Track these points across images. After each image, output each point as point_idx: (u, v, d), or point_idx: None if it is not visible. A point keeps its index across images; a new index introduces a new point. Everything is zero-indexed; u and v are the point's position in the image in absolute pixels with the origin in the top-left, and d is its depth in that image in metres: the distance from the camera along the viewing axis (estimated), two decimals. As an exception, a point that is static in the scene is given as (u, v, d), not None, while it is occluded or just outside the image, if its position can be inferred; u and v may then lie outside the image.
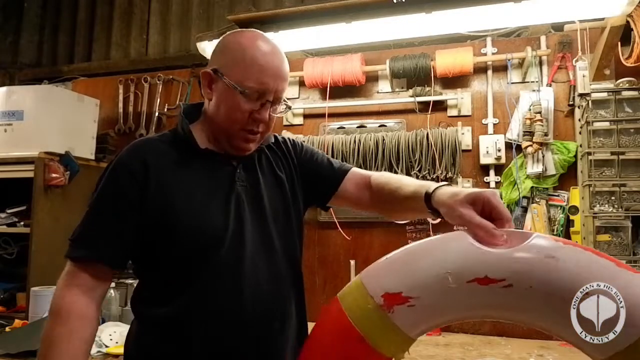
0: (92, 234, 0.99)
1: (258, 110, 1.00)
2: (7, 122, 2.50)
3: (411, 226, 2.37)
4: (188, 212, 0.97)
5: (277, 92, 1.01)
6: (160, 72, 2.95)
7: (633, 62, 1.93)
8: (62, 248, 1.01)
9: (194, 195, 0.99)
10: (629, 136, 1.94)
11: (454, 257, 0.72)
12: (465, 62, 2.28)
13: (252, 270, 0.99)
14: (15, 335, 1.97)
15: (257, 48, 1.00)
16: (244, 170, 1.06)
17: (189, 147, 1.03)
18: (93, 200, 1.02)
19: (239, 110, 0.99)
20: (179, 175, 1.00)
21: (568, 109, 2.21)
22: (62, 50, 3.37)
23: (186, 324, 0.95)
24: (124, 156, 1.01)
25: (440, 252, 0.74)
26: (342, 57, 2.47)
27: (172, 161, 1.01)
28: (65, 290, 0.95)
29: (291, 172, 1.15)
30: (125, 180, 0.98)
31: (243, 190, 1.03)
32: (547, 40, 2.28)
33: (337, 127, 2.54)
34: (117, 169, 1.00)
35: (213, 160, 1.04)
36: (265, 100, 1.00)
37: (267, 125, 1.03)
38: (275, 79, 1.00)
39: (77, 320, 0.93)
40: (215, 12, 3.00)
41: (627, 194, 1.90)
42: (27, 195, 2.43)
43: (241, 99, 0.98)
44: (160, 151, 1.02)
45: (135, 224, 0.97)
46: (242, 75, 0.98)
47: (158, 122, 2.91)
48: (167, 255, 0.98)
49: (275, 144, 1.16)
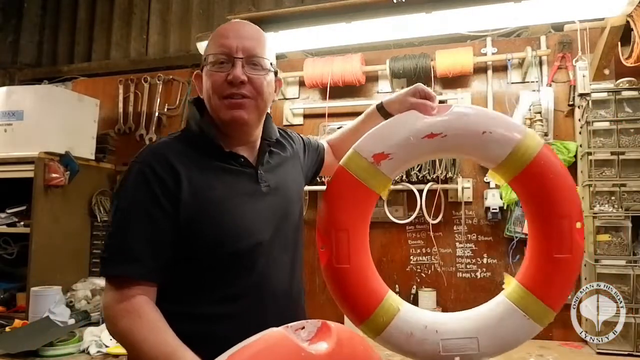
0: (131, 248, 0.92)
1: (229, 72, 0.98)
2: (7, 122, 2.50)
3: (411, 226, 2.37)
4: (223, 220, 0.96)
5: (246, 50, 0.99)
6: (160, 72, 2.95)
7: (633, 62, 1.93)
8: (62, 248, 1.00)
9: (226, 200, 0.98)
10: (629, 136, 1.93)
11: (412, 125, 1.14)
12: (465, 62, 2.28)
13: (277, 269, 1.04)
14: (15, 335, 1.97)
15: (220, 26, 1.04)
16: (263, 169, 1.07)
17: (209, 147, 1.02)
18: (125, 210, 0.94)
19: (212, 79, 1.00)
20: (207, 179, 0.98)
21: (568, 109, 2.21)
22: (62, 50, 3.37)
23: (229, 318, 0.97)
24: (149, 161, 0.96)
25: (402, 124, 1.16)
26: (342, 57, 2.47)
27: (198, 165, 0.99)
28: (119, 316, 0.89)
29: (299, 164, 1.23)
30: (157, 188, 0.93)
31: (267, 191, 1.05)
32: (547, 40, 2.28)
33: (337, 127, 2.53)
34: (146, 175, 0.94)
35: (235, 161, 1.04)
36: (233, 61, 0.99)
37: (251, 88, 1.00)
38: (237, 37, 1.00)
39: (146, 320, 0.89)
40: (215, 12, 3.00)
41: (627, 194, 1.90)
42: (27, 195, 2.43)
43: (212, 70, 1.00)
44: (184, 154, 0.99)
45: (171, 232, 0.94)
46: (209, 51, 1.02)
47: (158, 122, 2.91)
48: (199, 260, 0.96)
49: (282, 137, 1.21)
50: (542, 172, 1.12)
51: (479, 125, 1.12)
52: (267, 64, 1.03)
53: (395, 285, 2.35)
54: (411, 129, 1.13)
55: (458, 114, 1.14)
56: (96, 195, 2.78)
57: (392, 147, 1.13)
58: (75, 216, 2.69)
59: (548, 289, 1.15)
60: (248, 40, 1.00)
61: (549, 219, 1.13)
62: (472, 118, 1.14)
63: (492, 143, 1.12)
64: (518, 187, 1.19)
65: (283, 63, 2.70)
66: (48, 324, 2.05)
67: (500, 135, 1.11)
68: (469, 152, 1.18)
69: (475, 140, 1.13)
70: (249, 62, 1.00)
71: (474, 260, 2.29)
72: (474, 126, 1.13)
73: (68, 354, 1.85)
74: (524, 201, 1.21)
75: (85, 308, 2.31)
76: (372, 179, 1.14)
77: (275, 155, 1.14)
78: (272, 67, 1.05)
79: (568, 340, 2.03)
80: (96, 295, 2.43)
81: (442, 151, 1.19)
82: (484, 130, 1.11)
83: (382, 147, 1.13)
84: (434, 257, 2.34)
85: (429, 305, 2.20)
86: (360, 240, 1.15)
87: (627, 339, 1.80)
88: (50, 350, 1.82)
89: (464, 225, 2.31)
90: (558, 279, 1.14)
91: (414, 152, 1.15)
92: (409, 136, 1.13)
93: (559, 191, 1.13)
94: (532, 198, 1.17)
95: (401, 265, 2.39)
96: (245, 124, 1.02)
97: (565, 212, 1.12)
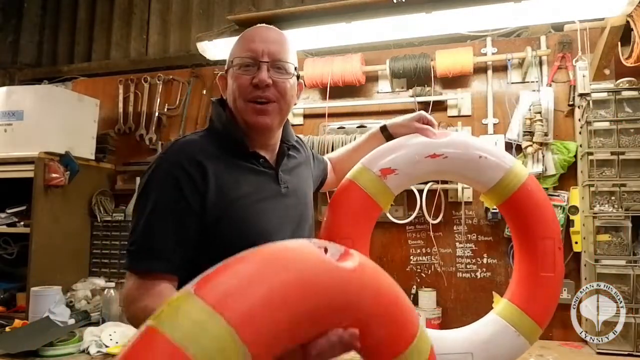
0: (157, 244, 0.91)
1: (255, 75, 1.01)
2: (7, 122, 2.50)
3: (411, 226, 2.37)
4: (248, 220, 0.97)
5: (271, 55, 1.01)
6: (160, 72, 2.94)
7: (633, 62, 1.93)
8: (62, 248, 1.00)
9: (251, 199, 0.98)
10: (629, 136, 1.93)
11: (417, 144, 1.26)
12: (465, 62, 2.28)
13: None
14: (15, 335, 1.97)
15: (246, 30, 1.06)
16: (282, 171, 1.09)
17: (233, 147, 1.02)
18: (151, 205, 0.93)
19: (238, 82, 1.01)
20: (233, 177, 0.99)
21: (568, 109, 2.21)
22: (62, 50, 3.37)
23: None
24: (178, 158, 0.96)
25: (409, 143, 1.28)
26: (342, 57, 2.47)
27: (225, 162, 0.99)
28: (140, 299, 0.87)
29: (310, 171, 1.25)
30: (185, 185, 0.93)
31: (285, 192, 1.06)
32: (547, 40, 2.28)
33: (337, 127, 2.54)
34: (174, 172, 0.94)
35: (257, 162, 1.05)
36: (259, 64, 1.01)
37: (275, 91, 1.02)
38: (263, 42, 1.02)
39: None
40: (215, 12, 2.99)
41: (627, 194, 1.90)
42: (27, 195, 2.43)
43: (238, 73, 1.02)
44: (211, 151, 0.99)
45: (196, 230, 0.94)
46: (235, 54, 1.04)
47: (158, 122, 2.91)
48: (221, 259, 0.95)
49: (297, 143, 1.23)
50: (528, 198, 1.25)
51: (476, 149, 1.26)
52: (291, 68, 1.05)
53: (395, 285, 2.35)
54: (417, 148, 1.26)
55: (458, 138, 1.31)
56: (96, 195, 2.78)
57: (399, 163, 1.25)
58: (75, 216, 2.69)
59: (536, 306, 1.24)
60: (273, 45, 1.03)
61: (534, 240, 1.26)
62: (470, 143, 1.29)
63: (486, 168, 1.25)
64: (506, 211, 1.32)
65: (283, 63, 2.70)
66: (48, 324, 2.05)
67: (494, 161, 1.25)
68: (465, 174, 1.31)
69: (472, 164, 1.26)
70: (274, 65, 1.02)
71: (474, 260, 2.29)
72: (472, 150, 1.26)
73: (68, 354, 1.85)
74: (511, 224, 1.34)
75: (85, 308, 2.31)
76: (378, 192, 1.25)
77: (292, 159, 1.16)
78: (295, 71, 1.07)
79: (568, 340, 2.03)
80: (96, 295, 2.43)
81: (441, 172, 1.33)
82: (480, 155, 1.25)
83: (390, 163, 1.25)
84: (434, 257, 2.34)
85: (429, 305, 2.20)
86: (362, 250, 1.19)
87: (627, 339, 1.79)
88: (50, 350, 1.82)
89: (464, 225, 2.31)
90: (544, 297, 1.24)
91: (417, 169, 1.27)
92: (415, 154, 1.25)
93: (543, 215, 1.26)
94: (519, 220, 1.30)
95: (401, 265, 2.39)
96: (269, 129, 1.04)
97: (549, 234, 1.25)
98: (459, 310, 2.25)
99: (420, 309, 2.20)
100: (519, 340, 1.21)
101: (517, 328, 1.21)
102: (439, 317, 2.19)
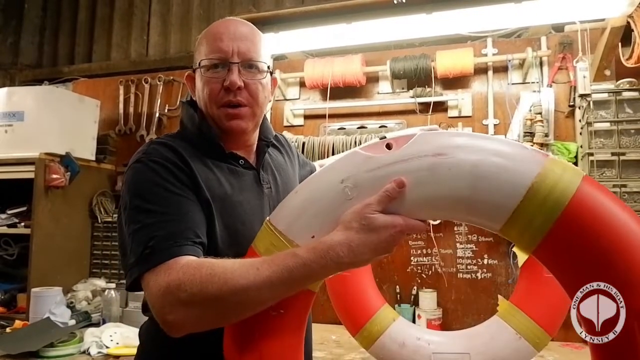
0: (173, 232, 0.82)
1: (226, 77, 0.94)
2: (7, 123, 2.50)
3: (412, 227, 2.37)
4: (232, 219, 0.94)
5: (241, 54, 0.95)
6: (160, 73, 2.95)
7: (633, 62, 1.93)
8: (63, 249, 0.99)
9: (235, 199, 0.96)
10: (629, 137, 1.93)
11: None
12: (465, 63, 2.28)
13: None
14: (16, 336, 1.97)
15: (212, 25, 1.00)
16: (263, 171, 1.06)
17: (209, 148, 0.98)
18: (149, 201, 0.85)
19: (209, 87, 0.96)
20: (215, 176, 0.95)
21: (568, 109, 2.21)
22: (63, 51, 3.37)
23: None
24: (160, 153, 0.90)
25: None
26: (342, 58, 2.48)
27: (204, 162, 0.95)
28: (188, 280, 0.75)
29: (293, 170, 1.19)
30: (175, 171, 0.88)
31: (268, 193, 1.04)
32: (547, 41, 2.28)
33: (337, 128, 2.54)
34: (157, 162, 0.88)
35: (236, 163, 1.01)
36: (229, 66, 0.94)
37: (247, 94, 0.96)
38: (232, 40, 0.95)
39: None
40: (215, 13, 3.00)
41: (628, 194, 1.90)
42: (27, 196, 2.43)
43: (207, 76, 0.96)
44: (190, 153, 0.94)
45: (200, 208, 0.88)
46: (202, 54, 0.98)
47: (159, 123, 2.91)
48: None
49: (277, 141, 1.18)
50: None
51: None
52: (264, 67, 1.00)
53: (396, 286, 2.35)
54: None
55: None
56: (97, 196, 2.78)
57: None
58: (76, 217, 2.69)
59: (539, 308, 1.18)
60: (243, 42, 0.96)
61: None
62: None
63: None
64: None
65: (283, 64, 2.70)
66: (49, 325, 2.05)
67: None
68: None
69: None
70: (245, 65, 0.97)
71: (474, 261, 2.29)
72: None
73: (68, 355, 1.84)
74: None
75: (85, 309, 2.31)
76: None
77: (274, 158, 1.13)
78: (268, 69, 1.02)
79: (568, 341, 2.03)
80: (97, 296, 2.43)
81: None
82: None
83: None
84: (435, 258, 2.34)
85: (430, 306, 2.19)
86: None
87: (628, 340, 1.79)
88: (51, 351, 1.82)
89: (465, 226, 2.31)
90: (549, 299, 1.16)
91: None
92: None
93: None
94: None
95: (402, 266, 2.38)
96: (244, 132, 1.01)
97: None
98: (460, 311, 2.25)
99: (421, 309, 2.20)
100: (520, 343, 1.16)
101: (517, 329, 1.17)
102: (439, 318, 2.19)
